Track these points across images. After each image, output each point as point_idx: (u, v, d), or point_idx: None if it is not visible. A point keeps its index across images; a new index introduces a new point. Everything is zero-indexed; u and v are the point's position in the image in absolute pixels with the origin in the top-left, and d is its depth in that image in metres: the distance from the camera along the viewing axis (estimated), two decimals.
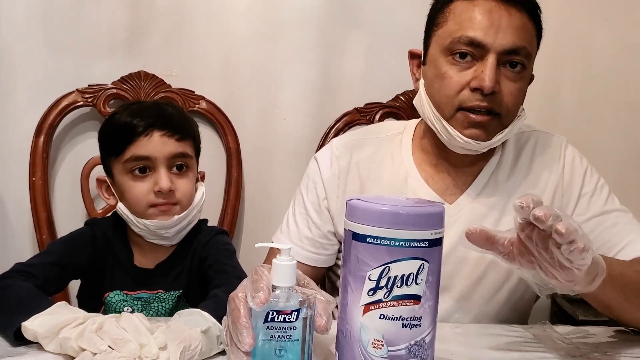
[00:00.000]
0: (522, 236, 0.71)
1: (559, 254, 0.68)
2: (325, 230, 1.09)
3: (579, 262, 0.69)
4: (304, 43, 1.50)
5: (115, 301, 1.06)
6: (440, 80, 0.99)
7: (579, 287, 0.74)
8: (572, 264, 0.69)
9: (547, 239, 0.69)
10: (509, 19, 0.96)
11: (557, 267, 0.70)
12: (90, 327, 0.74)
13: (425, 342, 0.67)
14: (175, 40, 1.49)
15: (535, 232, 0.70)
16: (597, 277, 0.75)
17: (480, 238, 0.73)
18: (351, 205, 0.68)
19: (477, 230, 0.72)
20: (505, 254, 0.73)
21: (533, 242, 0.70)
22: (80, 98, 1.45)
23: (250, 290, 0.65)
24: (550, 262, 0.70)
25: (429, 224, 0.66)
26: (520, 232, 0.71)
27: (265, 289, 0.64)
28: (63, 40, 1.45)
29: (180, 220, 1.07)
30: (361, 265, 0.66)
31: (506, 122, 1.00)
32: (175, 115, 1.10)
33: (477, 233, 0.72)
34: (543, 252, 0.70)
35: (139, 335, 0.72)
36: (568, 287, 0.74)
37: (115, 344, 0.71)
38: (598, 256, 0.74)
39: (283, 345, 0.65)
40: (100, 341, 0.72)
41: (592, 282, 0.75)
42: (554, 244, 0.68)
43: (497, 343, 0.90)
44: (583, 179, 1.07)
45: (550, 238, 0.69)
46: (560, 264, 0.70)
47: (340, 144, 1.12)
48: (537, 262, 0.72)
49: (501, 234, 0.73)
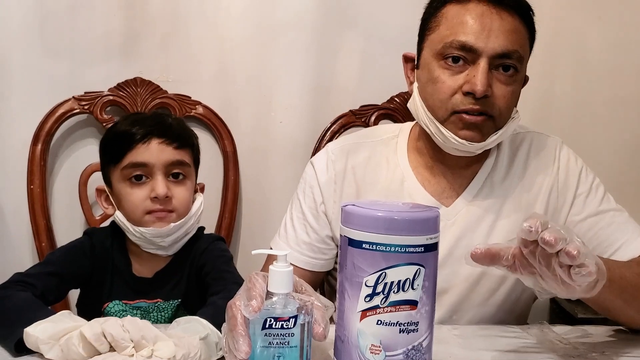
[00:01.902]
0: (525, 252, 0.71)
1: (562, 272, 0.69)
2: (323, 234, 1.10)
3: (581, 282, 0.69)
4: (298, 46, 1.51)
5: (115, 311, 1.07)
6: (433, 85, 1.00)
7: (580, 294, 0.75)
8: (575, 282, 0.69)
9: (550, 257, 0.69)
10: (501, 23, 0.96)
11: (559, 283, 0.71)
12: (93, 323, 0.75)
13: (422, 347, 0.67)
14: (171, 45, 1.49)
15: (539, 250, 0.70)
16: (598, 283, 0.75)
17: (485, 257, 0.72)
18: (346, 211, 0.69)
19: (482, 251, 0.72)
20: (507, 266, 0.74)
21: (536, 260, 0.71)
22: (76, 105, 1.45)
23: (244, 299, 0.65)
24: (553, 279, 0.71)
25: (424, 230, 0.66)
26: (524, 249, 0.71)
27: (259, 297, 0.64)
28: (59, 47, 1.45)
29: (177, 228, 1.07)
30: (357, 272, 0.66)
31: (500, 124, 1.00)
32: (174, 125, 1.11)
33: (483, 253, 0.72)
34: (546, 270, 0.71)
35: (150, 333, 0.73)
36: (568, 296, 0.74)
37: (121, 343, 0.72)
38: (599, 261, 0.74)
39: (281, 351, 0.65)
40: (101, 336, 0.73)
41: (593, 288, 0.75)
42: (558, 262, 0.69)
43: (495, 344, 0.90)
44: (578, 179, 1.08)
45: (554, 257, 0.69)
46: (563, 281, 0.70)
47: (335, 148, 1.12)
48: (538, 274, 0.73)
49: (504, 249, 0.73)
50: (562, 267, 0.69)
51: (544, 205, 1.07)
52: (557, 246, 0.66)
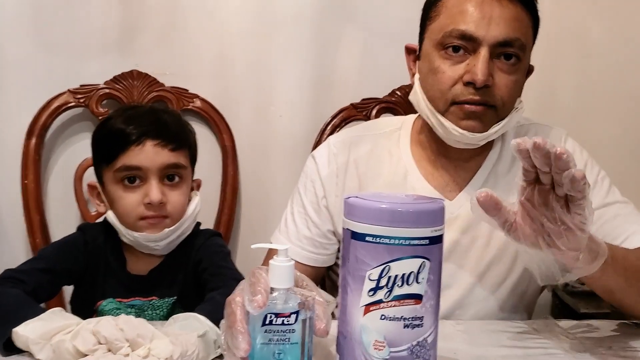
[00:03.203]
0: (523, 200, 0.72)
1: (560, 209, 0.70)
2: (325, 229, 1.08)
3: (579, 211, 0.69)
4: (298, 39, 1.49)
5: (109, 309, 1.04)
6: (433, 75, 0.98)
7: (581, 264, 0.75)
8: (574, 219, 0.70)
9: (548, 195, 0.71)
10: (501, 11, 0.95)
11: (559, 227, 0.71)
12: (86, 326, 0.72)
13: (427, 342, 0.66)
14: (168, 38, 1.47)
15: (536, 191, 0.71)
16: (599, 256, 0.76)
17: (490, 202, 0.72)
18: (349, 204, 0.67)
19: (486, 194, 0.72)
20: (509, 224, 0.74)
21: (535, 203, 0.71)
22: (72, 99, 1.43)
23: (248, 294, 0.63)
24: (552, 222, 0.71)
25: (429, 221, 0.65)
26: (522, 196, 0.72)
27: (264, 293, 0.62)
28: (54, 40, 1.43)
29: (171, 232, 1.04)
30: (360, 265, 0.65)
31: (502, 115, 0.99)
32: (170, 123, 1.07)
33: (487, 196, 0.72)
34: (544, 210, 0.71)
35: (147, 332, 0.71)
36: (571, 262, 0.74)
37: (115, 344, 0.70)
38: (598, 237, 0.76)
39: (282, 348, 0.64)
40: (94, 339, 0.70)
41: (594, 260, 0.76)
42: (555, 198, 0.70)
43: (501, 339, 0.89)
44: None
45: (551, 193, 0.70)
46: (562, 222, 0.70)
47: (337, 142, 1.11)
48: (539, 232, 0.72)
49: (507, 203, 0.74)
50: (560, 202, 0.70)
51: None
52: (546, 145, 0.66)
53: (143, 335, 0.72)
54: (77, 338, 0.71)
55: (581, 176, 0.67)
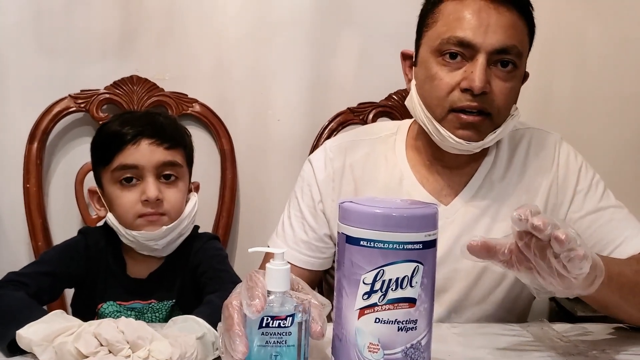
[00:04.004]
0: (520, 245, 0.71)
1: (557, 263, 0.69)
2: (321, 233, 1.09)
3: (577, 272, 0.69)
4: (296, 44, 1.50)
5: (109, 312, 1.06)
6: (430, 82, 0.99)
7: (578, 291, 0.74)
8: (570, 273, 0.69)
9: (545, 248, 0.69)
10: (498, 18, 0.95)
11: (555, 276, 0.70)
12: (87, 328, 0.73)
13: (421, 345, 0.67)
14: (167, 43, 1.48)
15: (533, 241, 0.70)
16: (596, 279, 0.74)
17: (482, 250, 0.72)
18: (344, 208, 0.68)
19: (478, 243, 0.72)
20: (504, 262, 0.73)
21: (531, 252, 0.70)
22: (72, 104, 1.44)
23: (246, 298, 0.64)
24: (549, 272, 0.70)
25: (422, 226, 0.66)
26: (519, 241, 0.71)
27: (262, 297, 0.63)
28: (54, 45, 1.44)
29: (169, 231, 1.05)
30: (355, 269, 0.66)
31: (498, 122, 1.00)
32: (165, 124, 1.09)
33: (479, 245, 0.72)
34: (541, 262, 0.70)
35: (147, 334, 0.72)
36: (566, 293, 0.73)
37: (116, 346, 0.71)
38: (596, 257, 0.74)
39: (279, 350, 0.65)
40: (96, 342, 0.71)
41: (591, 284, 0.74)
42: (552, 253, 0.68)
43: (495, 342, 0.90)
44: (578, 175, 1.07)
45: (548, 247, 0.69)
46: (559, 273, 0.70)
47: (333, 146, 1.12)
48: (535, 269, 0.72)
49: (501, 243, 0.73)
50: (557, 257, 0.68)
51: (544, 202, 1.06)
52: (546, 230, 0.66)
53: (143, 337, 0.73)
54: (79, 340, 0.72)
55: (581, 257, 0.67)
